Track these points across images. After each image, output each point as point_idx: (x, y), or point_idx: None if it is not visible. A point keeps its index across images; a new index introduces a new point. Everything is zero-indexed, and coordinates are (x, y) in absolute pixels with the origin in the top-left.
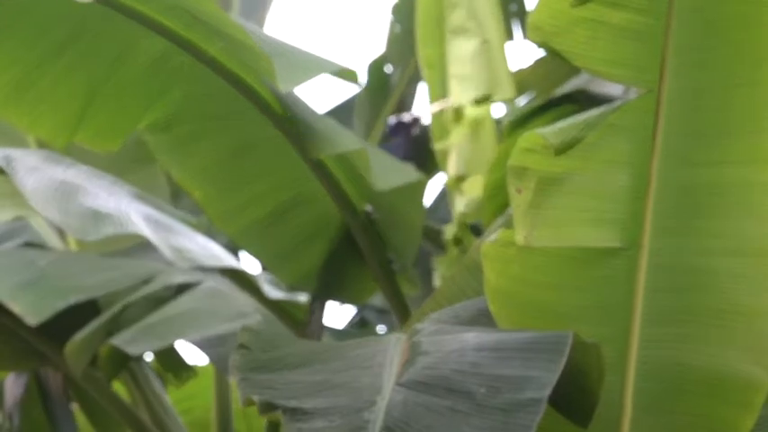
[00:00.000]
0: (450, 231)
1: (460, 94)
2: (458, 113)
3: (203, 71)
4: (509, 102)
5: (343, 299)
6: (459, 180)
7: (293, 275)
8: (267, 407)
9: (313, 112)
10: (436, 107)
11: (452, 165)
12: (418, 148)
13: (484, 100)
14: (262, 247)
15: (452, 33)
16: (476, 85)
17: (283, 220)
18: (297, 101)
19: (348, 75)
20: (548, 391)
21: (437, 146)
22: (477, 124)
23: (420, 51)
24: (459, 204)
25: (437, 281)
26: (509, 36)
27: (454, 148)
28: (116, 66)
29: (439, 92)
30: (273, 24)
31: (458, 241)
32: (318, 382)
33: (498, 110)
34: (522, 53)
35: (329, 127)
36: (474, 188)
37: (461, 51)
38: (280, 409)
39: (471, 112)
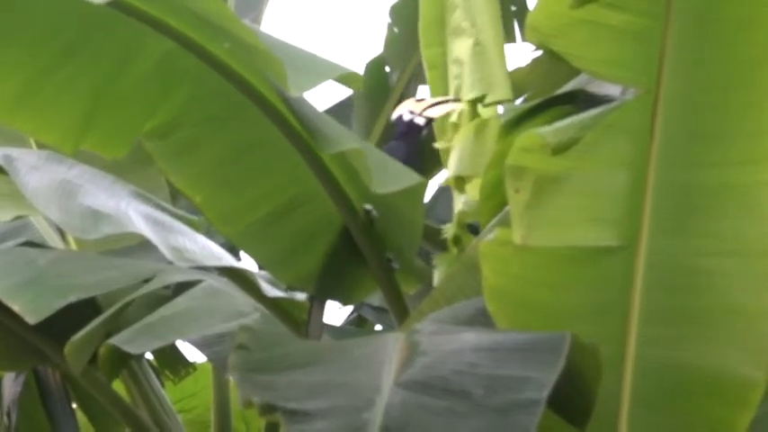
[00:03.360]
0: (450, 230)
1: (458, 94)
2: (459, 114)
3: (207, 72)
4: (507, 102)
5: (342, 299)
6: (458, 180)
7: (293, 276)
8: (267, 408)
9: (317, 112)
10: (439, 109)
11: (453, 164)
12: (420, 148)
13: (479, 101)
14: (262, 247)
15: (452, 34)
16: (470, 86)
17: (284, 221)
18: (302, 101)
19: (353, 79)
20: (546, 392)
21: (440, 144)
22: (481, 125)
23: (423, 52)
24: (459, 203)
25: (436, 279)
26: (511, 37)
27: (456, 148)
28: (121, 69)
29: (441, 93)
30: (269, 23)
31: (457, 240)
32: (318, 383)
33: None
34: (522, 53)
35: (333, 126)
36: (475, 188)
37: (459, 52)
38: (279, 411)
39: (473, 112)
